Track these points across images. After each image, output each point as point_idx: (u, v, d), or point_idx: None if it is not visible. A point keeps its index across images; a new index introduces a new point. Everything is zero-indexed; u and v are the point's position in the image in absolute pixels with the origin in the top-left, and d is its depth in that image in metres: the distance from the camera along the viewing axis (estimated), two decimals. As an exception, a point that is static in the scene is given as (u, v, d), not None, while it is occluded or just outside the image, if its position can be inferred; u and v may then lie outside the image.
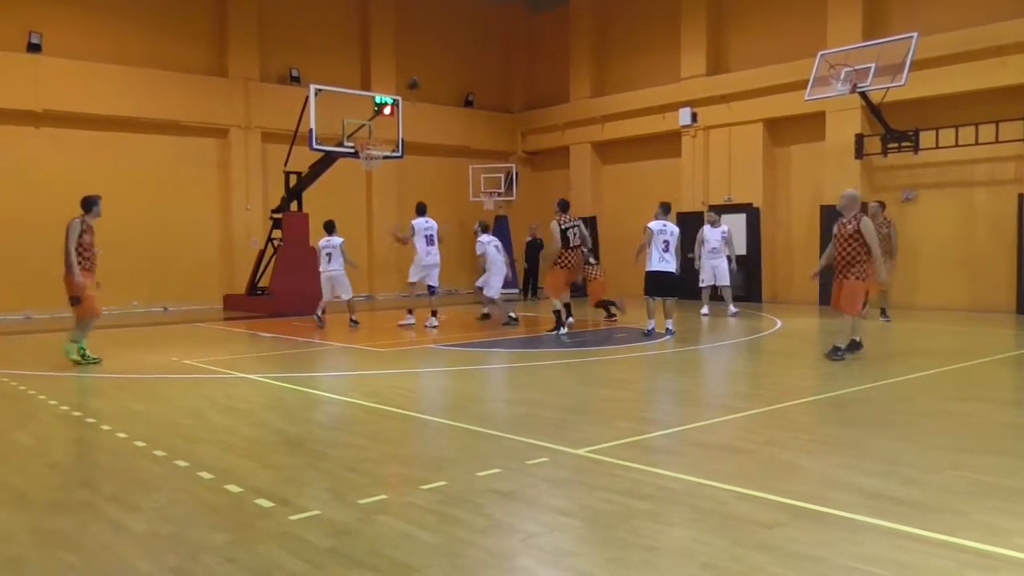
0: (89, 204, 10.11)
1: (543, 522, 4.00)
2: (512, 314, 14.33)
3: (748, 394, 7.79)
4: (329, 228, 14.49)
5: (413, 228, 14.43)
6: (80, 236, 9.77)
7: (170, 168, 18.88)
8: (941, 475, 4.70)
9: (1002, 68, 14.98)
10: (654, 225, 12.15)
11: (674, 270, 12.11)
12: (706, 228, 15.67)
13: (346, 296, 14.43)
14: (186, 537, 3.85)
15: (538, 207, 24.91)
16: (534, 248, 20.23)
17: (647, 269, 12.10)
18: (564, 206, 12.87)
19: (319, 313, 14.29)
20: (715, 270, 15.51)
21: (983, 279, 15.52)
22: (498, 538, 3.81)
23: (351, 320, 14.29)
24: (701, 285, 15.73)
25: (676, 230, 12.27)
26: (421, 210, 14.64)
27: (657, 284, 12.09)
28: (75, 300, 9.71)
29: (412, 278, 14.56)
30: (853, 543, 3.61)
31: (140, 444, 5.74)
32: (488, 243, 14.70)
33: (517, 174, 23.60)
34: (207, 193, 19.59)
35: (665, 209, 12.59)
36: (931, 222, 16.23)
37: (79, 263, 9.65)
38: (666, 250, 12.01)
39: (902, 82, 14.77)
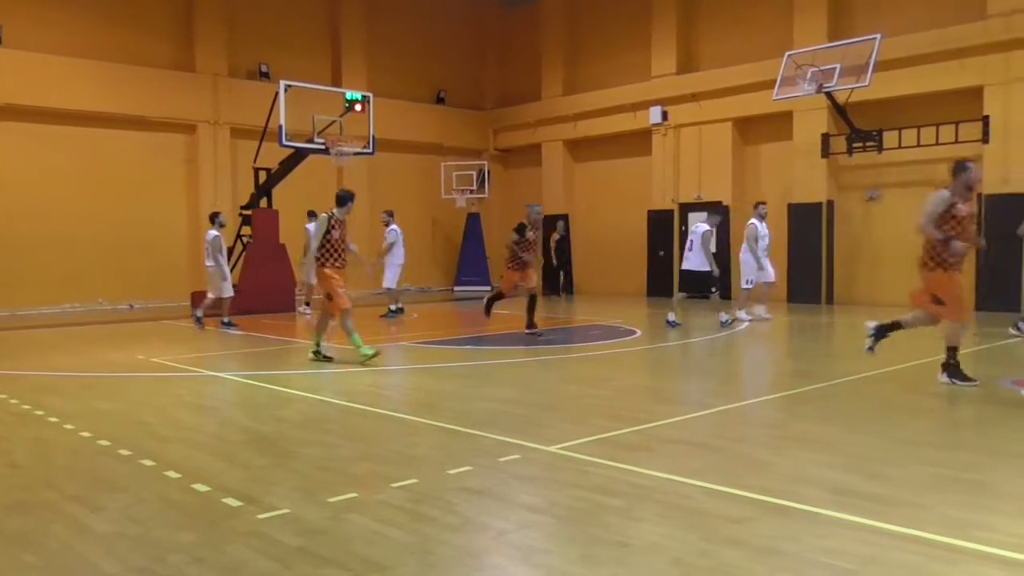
0: (343, 199, 9.49)
1: (514, 519, 4.01)
2: (395, 307, 15.06)
3: (719, 391, 7.87)
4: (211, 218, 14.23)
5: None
6: (328, 232, 9.25)
7: (137, 164, 18.61)
8: (905, 469, 4.78)
9: (961, 70, 15.29)
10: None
11: (694, 267, 12.52)
12: (758, 223, 13.79)
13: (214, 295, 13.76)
14: (152, 537, 3.80)
15: (510, 205, 24.98)
16: (564, 246, 19.99)
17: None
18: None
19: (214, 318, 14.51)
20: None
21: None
22: (469, 536, 3.81)
23: (223, 322, 13.65)
24: (768, 280, 13.99)
25: (701, 228, 12.63)
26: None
27: (681, 281, 12.96)
28: (328, 296, 9.40)
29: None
30: (819, 537, 3.67)
31: (105, 443, 5.65)
32: (400, 233, 15.04)
33: (489, 172, 23.60)
34: (175, 189, 19.34)
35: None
36: (895, 221, 16.49)
37: (328, 260, 9.26)
38: (689, 248, 12.63)
39: (866, 83, 15.00)
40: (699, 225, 12.99)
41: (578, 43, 22.89)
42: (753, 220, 13.72)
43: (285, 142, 16.41)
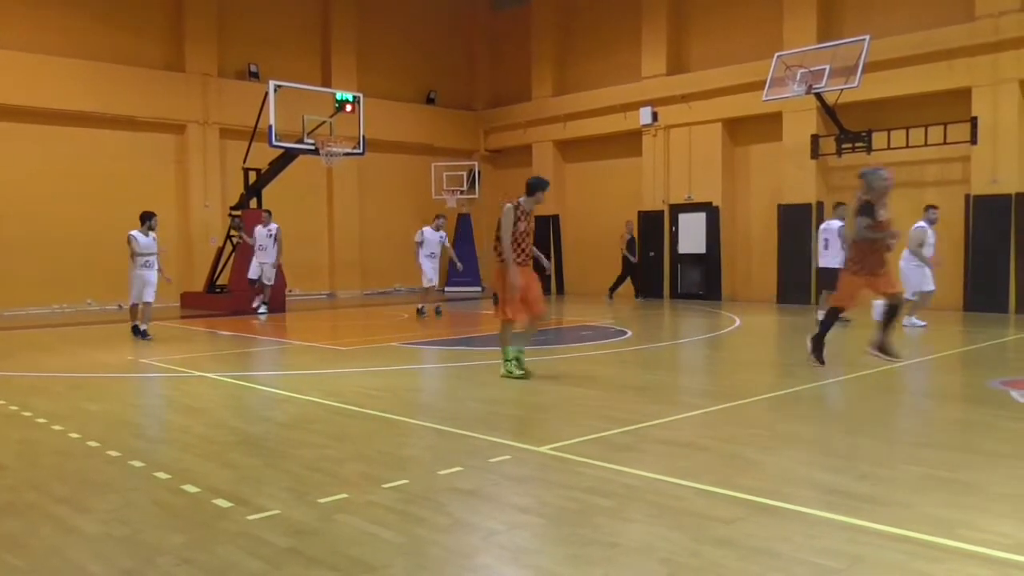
0: (534, 187, 8.31)
1: (504, 520, 4.01)
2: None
3: (709, 391, 7.89)
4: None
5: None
6: (515, 224, 8.11)
7: (126, 164, 18.52)
8: (894, 469, 4.81)
9: (950, 71, 15.38)
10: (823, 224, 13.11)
11: (831, 265, 12.65)
12: (928, 227, 12.59)
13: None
14: (141, 539, 3.79)
15: (501, 206, 24.93)
16: (633, 247, 19.56)
17: None
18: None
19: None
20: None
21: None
22: (459, 536, 3.81)
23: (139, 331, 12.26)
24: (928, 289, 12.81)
25: (835, 225, 12.87)
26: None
27: (819, 279, 13.26)
28: (497, 298, 8.21)
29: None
30: (808, 537, 3.68)
31: (93, 444, 5.62)
32: (424, 233, 15.15)
33: (479, 172, 23.59)
34: (164, 190, 19.25)
35: (835, 208, 13.30)
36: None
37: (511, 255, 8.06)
38: (825, 247, 12.91)
39: (855, 84, 15.08)
40: (831, 222, 12.98)
41: (568, 44, 22.91)
42: (922, 223, 12.38)
43: (275, 142, 16.39)
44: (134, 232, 12.29)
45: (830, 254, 12.71)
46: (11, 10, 17.13)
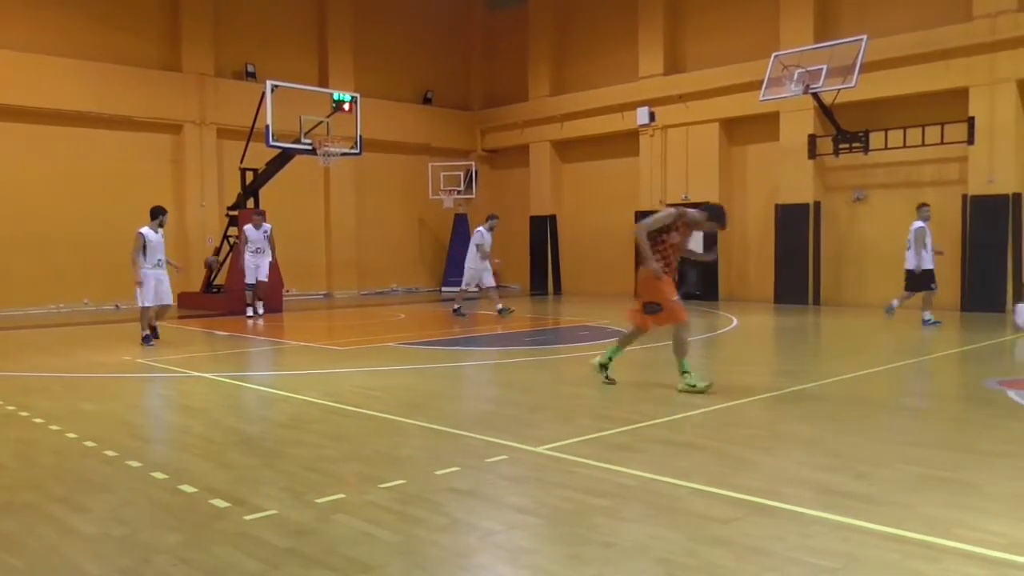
0: (716, 216, 7.56)
1: (502, 520, 4.01)
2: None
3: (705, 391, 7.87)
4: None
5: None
6: (668, 231, 7.40)
7: (122, 164, 18.49)
8: (890, 469, 4.82)
9: (947, 71, 15.41)
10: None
11: (911, 267, 12.86)
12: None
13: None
14: (138, 539, 3.79)
15: (498, 206, 24.97)
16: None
17: None
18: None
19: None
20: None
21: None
22: (456, 536, 3.81)
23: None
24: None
25: (913, 227, 12.89)
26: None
27: (905, 281, 13.18)
28: (653, 307, 7.45)
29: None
30: (804, 536, 3.69)
31: (91, 444, 5.62)
32: (480, 234, 14.87)
33: (476, 172, 23.59)
34: (161, 190, 19.16)
35: (919, 209, 13.22)
36: (881, 222, 16.61)
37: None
38: (908, 248, 12.90)
39: (852, 84, 15.09)
40: (915, 223, 12.98)
41: (565, 44, 22.92)
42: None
43: (272, 143, 16.36)
44: (144, 229, 11.59)
45: (908, 255, 12.86)
46: (7, 10, 17.09)
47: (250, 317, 15.19)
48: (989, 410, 6.61)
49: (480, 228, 15.03)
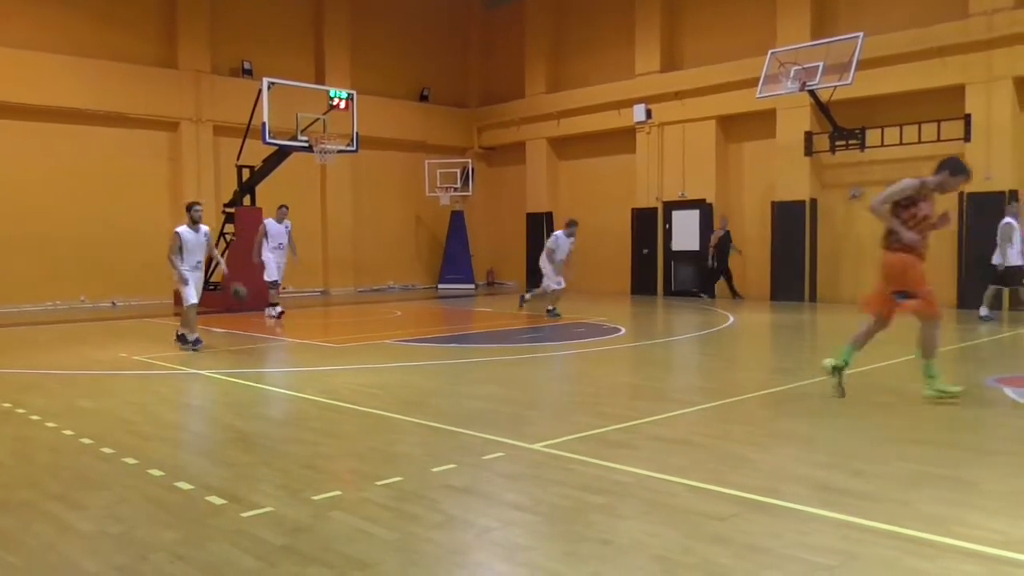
0: (956, 169, 7.31)
1: (498, 517, 4.01)
2: (551, 307, 14.26)
3: (703, 388, 7.90)
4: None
5: None
6: (915, 203, 6.98)
7: (119, 161, 18.43)
8: (887, 466, 4.82)
9: (943, 68, 15.41)
10: None
11: (995, 263, 12.89)
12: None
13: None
14: (135, 536, 3.78)
15: (495, 203, 24.96)
16: (726, 242, 18.75)
17: None
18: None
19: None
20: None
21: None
22: (453, 533, 3.81)
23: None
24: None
25: (1003, 221, 12.86)
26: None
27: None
28: (904, 296, 6.92)
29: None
30: (801, 533, 3.69)
31: (87, 441, 5.61)
32: (557, 238, 14.33)
33: (473, 169, 23.57)
34: (157, 187, 19.18)
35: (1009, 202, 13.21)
36: (877, 219, 16.58)
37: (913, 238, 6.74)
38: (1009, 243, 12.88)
39: (849, 81, 15.10)
40: (1004, 220, 12.96)
41: (561, 41, 22.89)
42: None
43: (268, 140, 16.33)
44: (181, 228, 10.41)
45: (1014, 250, 12.83)
46: (4, 7, 17.02)
47: (272, 317, 14.38)
48: (986, 407, 6.62)
49: (557, 232, 14.35)
